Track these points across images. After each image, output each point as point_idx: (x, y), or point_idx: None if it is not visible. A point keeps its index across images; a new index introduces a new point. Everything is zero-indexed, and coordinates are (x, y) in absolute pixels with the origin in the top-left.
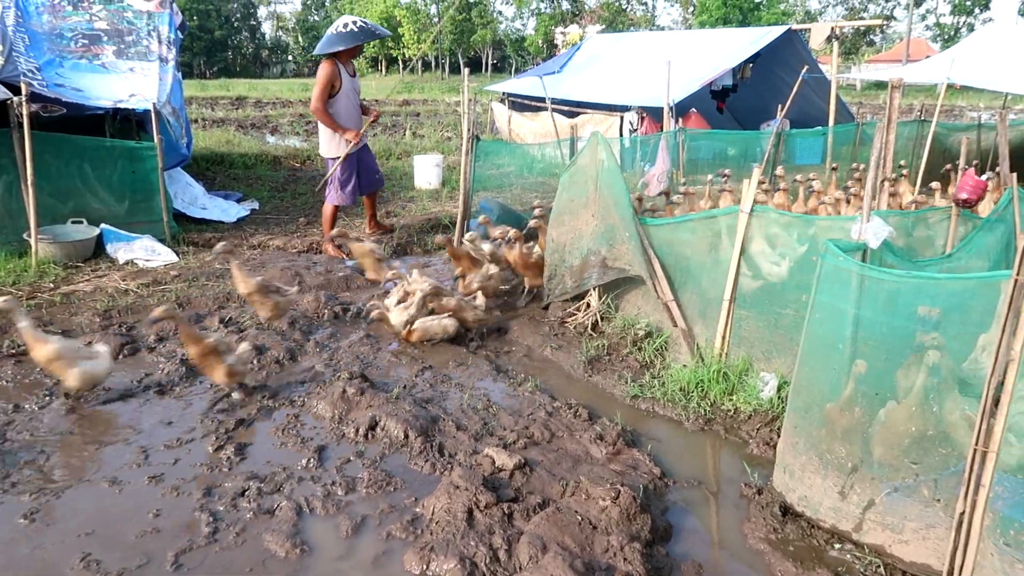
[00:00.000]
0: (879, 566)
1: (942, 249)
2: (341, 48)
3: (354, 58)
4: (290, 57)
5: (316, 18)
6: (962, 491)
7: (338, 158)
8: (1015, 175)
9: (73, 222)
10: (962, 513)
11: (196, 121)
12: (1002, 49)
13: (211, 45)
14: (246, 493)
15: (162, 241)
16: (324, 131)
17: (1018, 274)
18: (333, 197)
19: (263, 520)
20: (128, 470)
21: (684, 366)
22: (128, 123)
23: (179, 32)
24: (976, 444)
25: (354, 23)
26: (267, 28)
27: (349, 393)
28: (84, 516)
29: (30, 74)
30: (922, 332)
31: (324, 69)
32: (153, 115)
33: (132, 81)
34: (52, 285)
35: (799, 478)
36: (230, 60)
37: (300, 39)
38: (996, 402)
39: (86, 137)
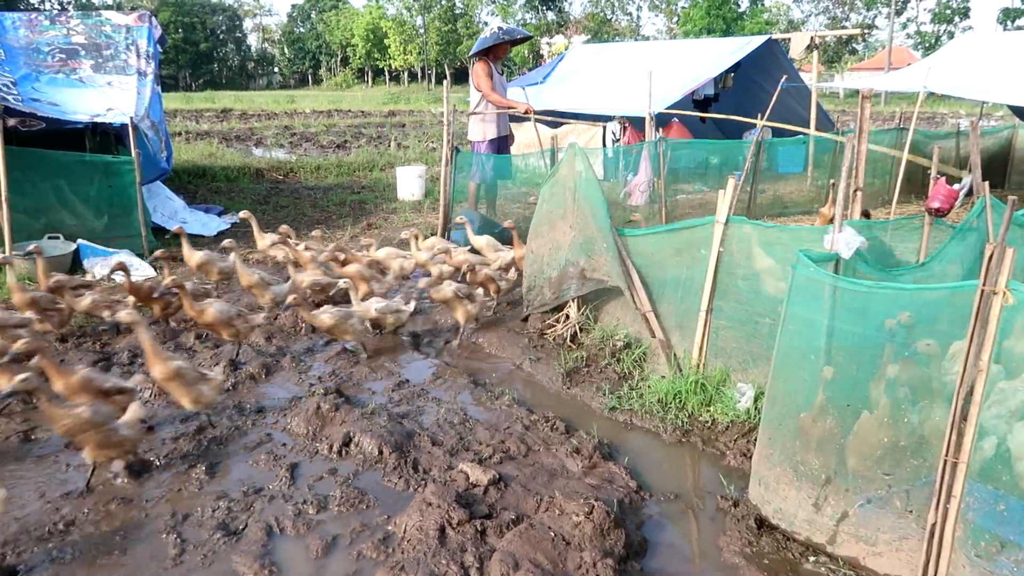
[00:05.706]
0: None
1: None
2: (487, 46)
3: (500, 58)
4: (276, 69)
5: (302, 30)
6: (933, 502)
7: (483, 141)
8: (987, 183)
9: (49, 237)
10: (934, 524)
11: (180, 134)
12: (979, 57)
13: (196, 57)
14: (215, 513)
15: (140, 256)
16: (474, 119)
17: (984, 284)
18: (477, 175)
19: (231, 541)
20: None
21: (662, 377)
22: (108, 137)
23: (159, 46)
24: (946, 455)
25: (491, 29)
26: (253, 40)
27: (323, 409)
28: None
29: (5, 89)
30: (894, 342)
31: (479, 67)
32: (131, 129)
33: (110, 95)
34: None
35: (774, 490)
36: (216, 72)
37: (286, 51)
38: (966, 412)
39: (61, 152)
